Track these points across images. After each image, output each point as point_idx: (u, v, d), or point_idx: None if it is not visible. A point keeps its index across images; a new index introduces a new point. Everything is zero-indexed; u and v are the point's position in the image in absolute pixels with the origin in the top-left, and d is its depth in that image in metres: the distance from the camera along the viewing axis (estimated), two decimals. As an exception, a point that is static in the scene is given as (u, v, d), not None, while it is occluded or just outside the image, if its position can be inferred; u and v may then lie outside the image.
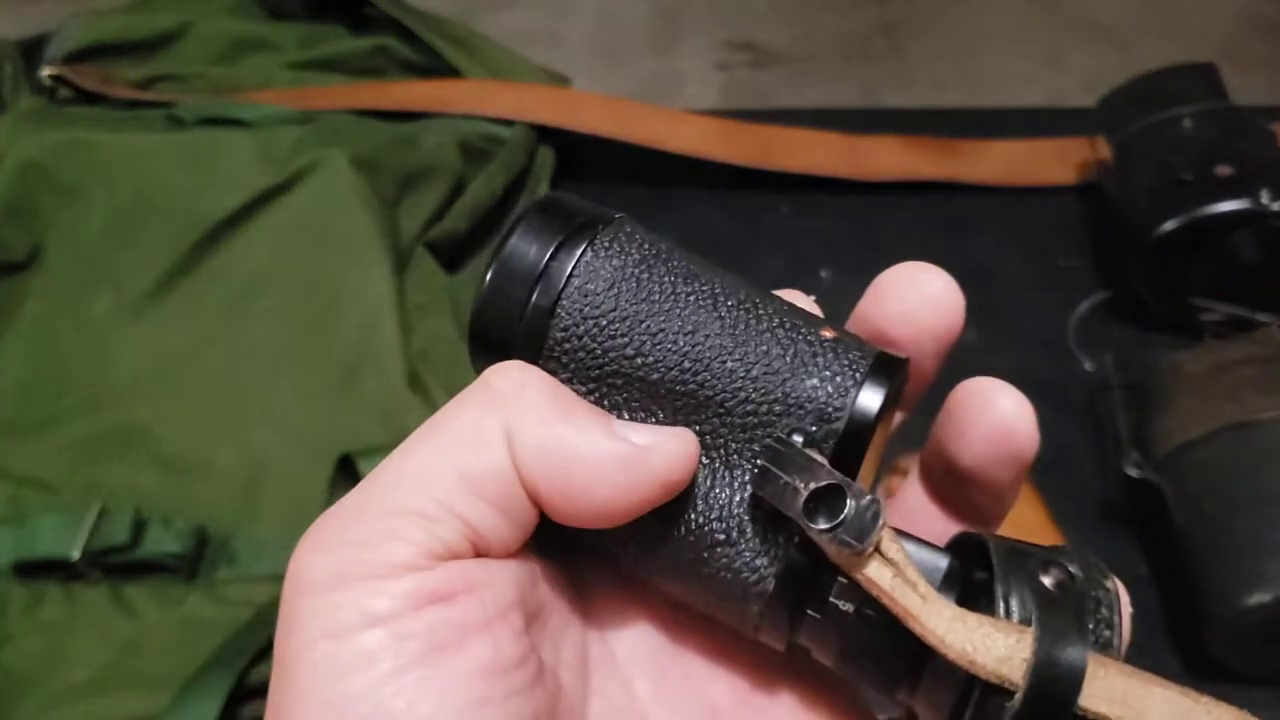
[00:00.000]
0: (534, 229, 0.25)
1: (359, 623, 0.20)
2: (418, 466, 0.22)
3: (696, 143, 0.81)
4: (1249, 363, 0.58)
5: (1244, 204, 0.65)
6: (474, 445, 0.22)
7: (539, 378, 0.23)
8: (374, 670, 0.20)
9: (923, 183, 0.82)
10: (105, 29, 0.83)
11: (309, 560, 0.21)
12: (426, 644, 0.20)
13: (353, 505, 0.22)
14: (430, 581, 0.21)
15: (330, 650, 0.20)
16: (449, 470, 0.22)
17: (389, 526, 0.21)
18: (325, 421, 0.63)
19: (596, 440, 0.22)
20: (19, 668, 0.56)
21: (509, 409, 0.22)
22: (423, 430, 0.23)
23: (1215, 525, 0.55)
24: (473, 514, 0.22)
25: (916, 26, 1.07)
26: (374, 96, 0.81)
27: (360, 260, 0.68)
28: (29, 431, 0.64)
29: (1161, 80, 0.74)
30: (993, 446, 0.24)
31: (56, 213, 0.71)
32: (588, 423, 0.22)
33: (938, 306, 0.25)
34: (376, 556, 0.21)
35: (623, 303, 0.24)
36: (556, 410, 0.22)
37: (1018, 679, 0.21)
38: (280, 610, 0.21)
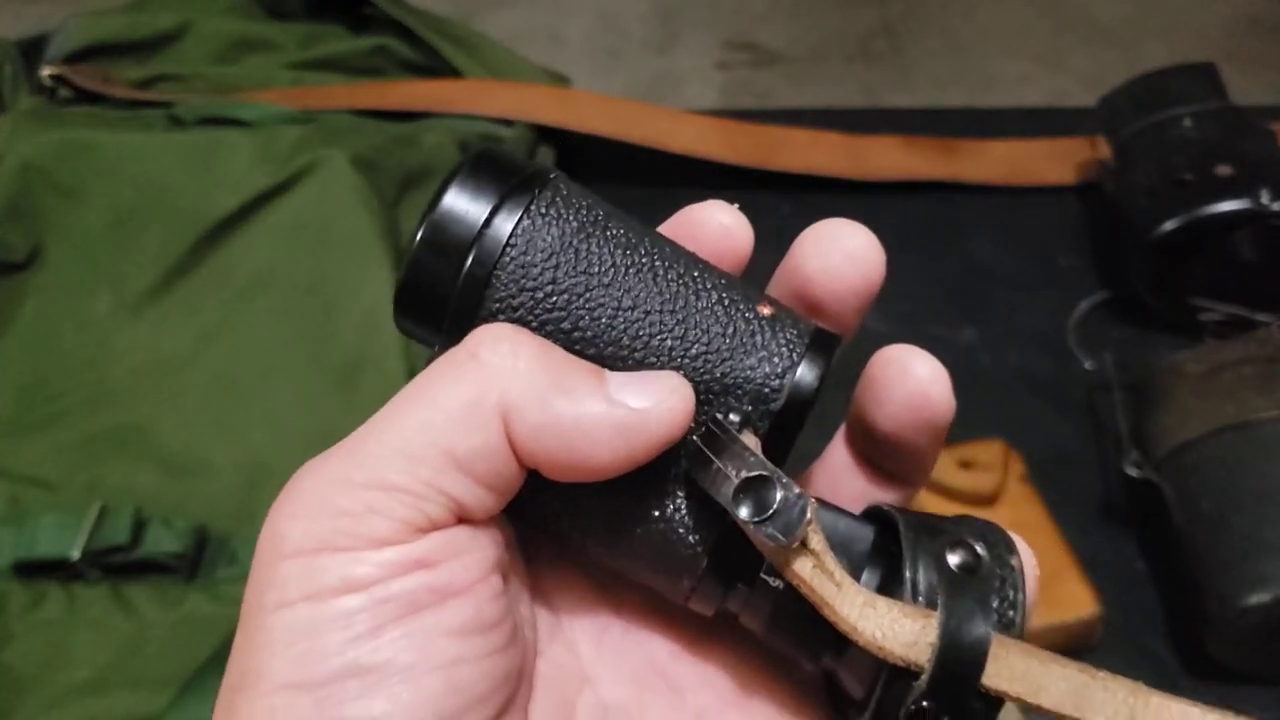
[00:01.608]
0: (469, 187, 0.24)
1: (339, 586, 0.20)
2: (405, 442, 0.22)
3: (696, 143, 0.81)
4: (1248, 362, 0.58)
5: (1244, 204, 0.65)
6: (466, 425, 0.22)
7: (529, 345, 0.22)
8: (351, 628, 0.20)
9: (923, 183, 0.82)
10: (105, 29, 0.83)
11: (289, 525, 0.21)
12: (406, 605, 0.21)
13: (336, 472, 0.22)
14: (413, 552, 0.21)
15: (308, 610, 0.20)
16: (439, 450, 0.22)
17: (373, 500, 0.21)
18: (325, 421, 0.63)
19: (596, 410, 0.22)
20: (19, 668, 0.56)
21: (502, 385, 0.22)
22: (411, 398, 0.22)
23: (1215, 525, 0.55)
24: (459, 490, 0.22)
25: (917, 26, 1.07)
26: (374, 96, 0.81)
27: (360, 260, 0.68)
28: (29, 431, 0.64)
29: (1161, 80, 0.74)
30: (909, 412, 0.25)
31: (56, 213, 0.71)
32: (584, 390, 0.22)
33: (858, 262, 0.26)
34: (359, 528, 0.21)
35: (560, 275, 0.23)
36: (552, 383, 0.22)
37: (923, 662, 0.21)
38: (253, 573, 0.21)
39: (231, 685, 0.21)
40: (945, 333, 0.73)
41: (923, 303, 0.76)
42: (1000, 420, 0.65)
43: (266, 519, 0.22)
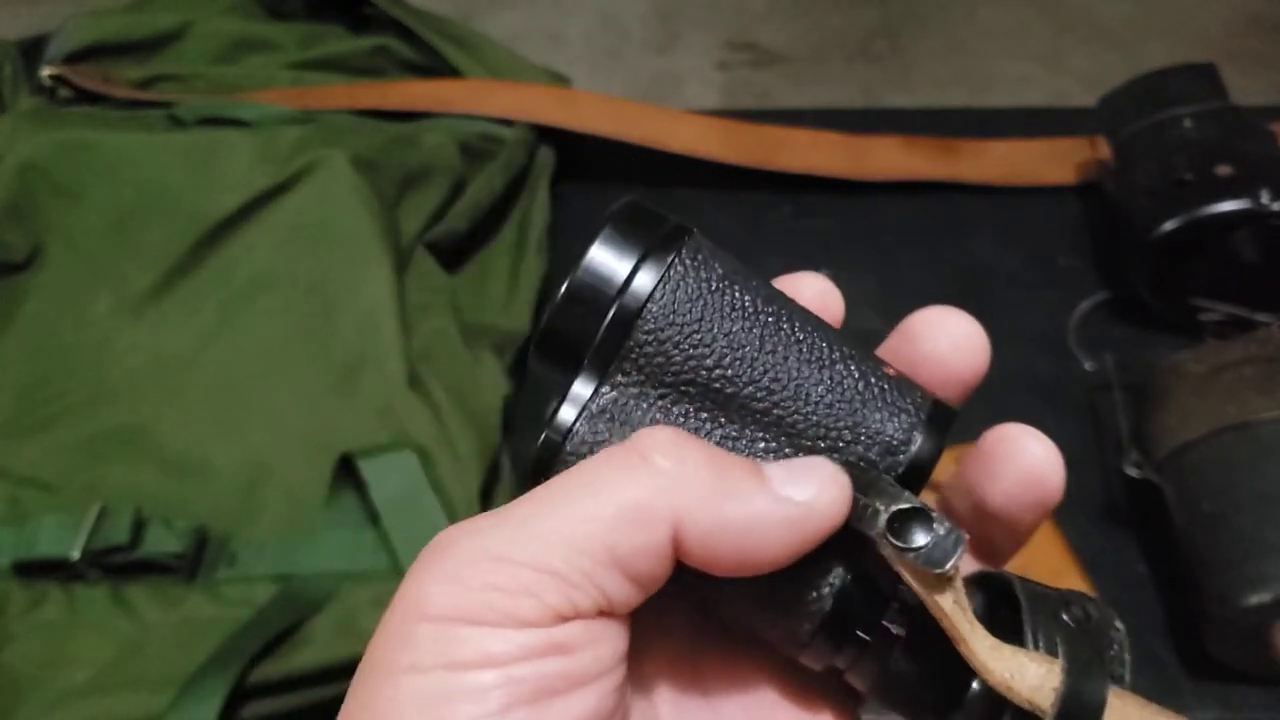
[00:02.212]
0: (620, 233, 0.25)
1: (477, 660, 0.21)
2: (571, 529, 0.22)
3: (697, 143, 0.81)
4: (1249, 362, 0.58)
5: (1244, 204, 0.65)
6: (634, 526, 0.22)
7: (696, 449, 0.23)
8: (484, 704, 0.20)
9: (923, 183, 0.82)
10: (105, 29, 0.83)
11: (437, 589, 0.21)
12: (538, 689, 0.21)
13: (494, 545, 0.22)
14: (554, 636, 0.21)
15: (443, 679, 0.21)
16: (602, 543, 0.22)
17: (528, 581, 0.21)
18: (325, 421, 0.63)
19: (763, 508, 0.22)
20: (19, 668, 0.56)
21: (676, 493, 0.22)
22: (578, 489, 0.22)
23: (1215, 525, 0.55)
24: (612, 587, 0.22)
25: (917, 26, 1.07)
26: (374, 96, 0.81)
27: (360, 260, 0.68)
28: (29, 431, 0.64)
29: (1162, 80, 0.74)
30: (1023, 490, 0.26)
31: (56, 213, 0.71)
32: (750, 489, 0.22)
33: (964, 352, 0.27)
34: (508, 607, 0.21)
35: (709, 313, 0.24)
36: (719, 486, 0.22)
37: (1046, 706, 0.22)
38: (386, 626, 0.21)
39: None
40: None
41: (923, 303, 0.75)
42: (1000, 420, 0.65)
43: (410, 574, 0.22)
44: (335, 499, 0.60)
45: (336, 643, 0.56)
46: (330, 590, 0.57)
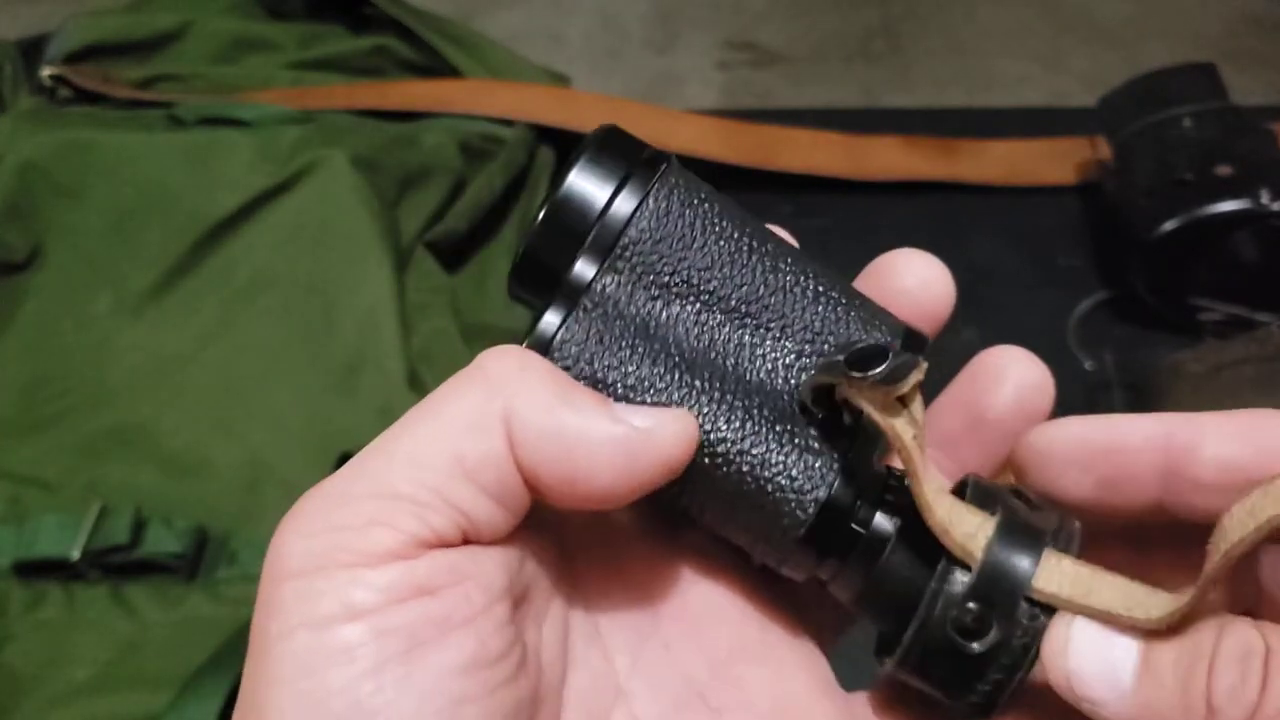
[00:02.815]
0: (601, 157, 0.26)
1: (340, 614, 0.20)
2: (411, 449, 0.21)
3: (696, 142, 0.81)
4: (1249, 362, 0.58)
5: (1244, 204, 0.65)
6: (471, 430, 0.21)
7: (538, 362, 0.23)
8: (354, 666, 0.19)
9: (923, 183, 0.82)
10: (105, 29, 0.83)
11: (290, 542, 0.21)
12: (408, 640, 0.20)
13: (339, 486, 0.21)
14: (416, 573, 0.20)
15: (309, 640, 0.20)
16: (445, 455, 0.21)
17: (377, 510, 0.20)
18: (325, 421, 0.63)
19: (599, 424, 0.22)
20: (19, 668, 0.56)
21: (508, 393, 0.22)
22: (416, 412, 0.22)
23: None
24: (466, 501, 0.21)
25: (916, 26, 1.07)
26: (374, 96, 0.81)
27: (360, 260, 0.68)
28: (29, 431, 0.64)
29: (1161, 80, 0.74)
30: (1019, 398, 0.28)
31: (56, 213, 0.70)
32: (588, 407, 0.22)
33: (931, 288, 0.28)
34: (361, 543, 0.20)
35: (695, 229, 0.25)
36: (557, 395, 0.22)
37: (977, 554, 0.23)
38: (259, 592, 0.21)
39: (243, 717, 0.20)
40: (945, 333, 0.73)
41: (923, 303, 0.75)
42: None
43: (272, 538, 0.21)
44: (335, 499, 0.60)
45: (336, 642, 0.56)
46: (330, 590, 0.57)
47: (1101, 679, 0.21)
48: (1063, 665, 0.22)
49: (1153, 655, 0.21)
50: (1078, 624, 0.22)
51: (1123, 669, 0.21)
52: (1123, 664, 0.21)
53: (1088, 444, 0.25)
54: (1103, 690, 0.21)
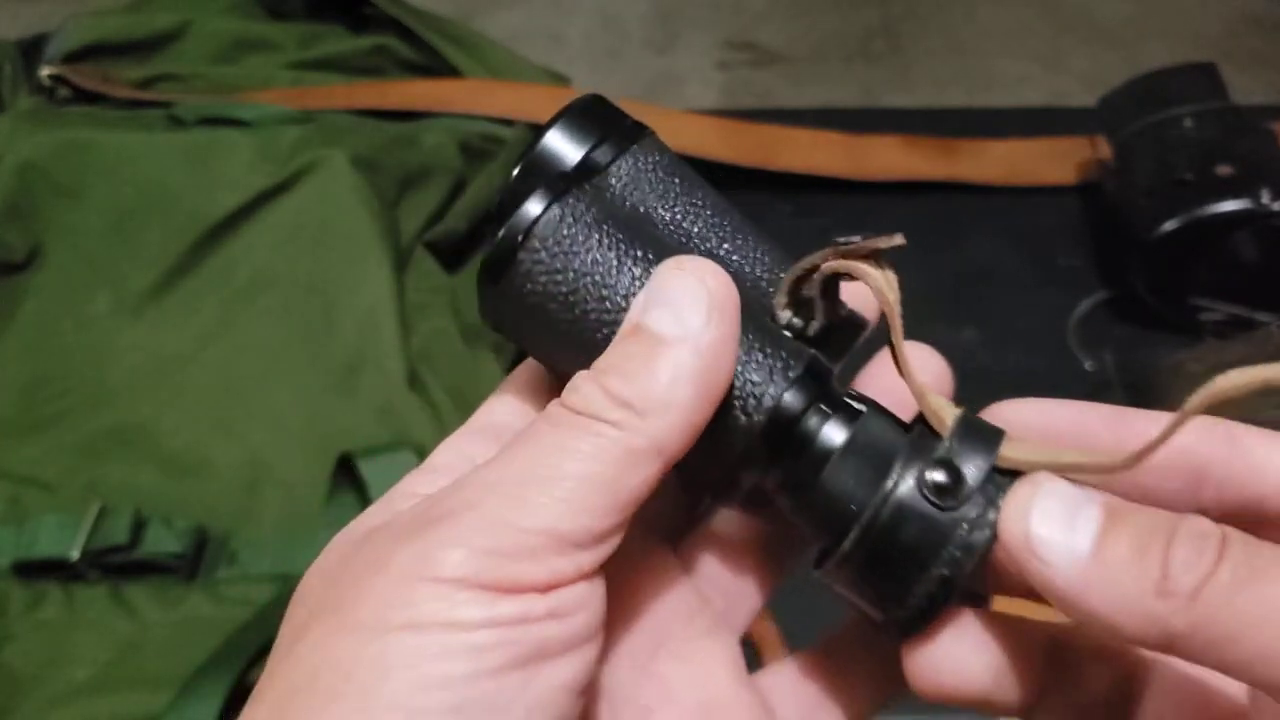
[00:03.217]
0: (579, 121, 0.26)
1: (480, 621, 0.21)
2: (574, 491, 0.22)
3: (696, 142, 0.81)
4: (1249, 362, 0.58)
5: (1244, 204, 0.65)
6: (630, 467, 0.22)
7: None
8: (480, 663, 0.21)
9: (923, 183, 0.82)
10: (104, 29, 0.83)
11: (441, 552, 0.21)
12: (535, 651, 0.21)
13: (509, 515, 0.22)
14: (553, 601, 0.22)
15: (442, 637, 0.21)
16: (607, 499, 0.22)
17: (539, 546, 0.21)
18: (325, 421, 0.63)
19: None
20: (19, 668, 0.56)
21: (648, 426, 0.23)
22: (566, 441, 0.23)
23: (1215, 525, 0.55)
24: (615, 538, 0.22)
25: (916, 26, 1.07)
26: (374, 96, 0.81)
27: (360, 260, 0.68)
28: (29, 431, 0.64)
29: (1162, 80, 0.74)
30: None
31: (56, 213, 0.70)
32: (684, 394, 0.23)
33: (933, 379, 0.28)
34: (516, 572, 0.21)
35: (671, 189, 0.26)
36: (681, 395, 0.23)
37: (949, 422, 0.24)
38: (372, 586, 0.21)
39: (328, 692, 0.21)
40: (945, 333, 0.73)
41: (923, 303, 0.75)
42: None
43: (405, 538, 0.22)
44: (335, 499, 0.60)
45: (336, 643, 0.56)
46: (330, 590, 0.57)
47: (1061, 541, 0.22)
48: (1023, 526, 0.22)
49: (1113, 524, 0.22)
50: (1046, 484, 0.23)
51: (1083, 532, 0.22)
52: (1084, 528, 0.22)
53: (1048, 415, 0.26)
54: (1059, 553, 0.22)
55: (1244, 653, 0.20)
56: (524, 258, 0.24)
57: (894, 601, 0.24)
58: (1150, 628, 0.21)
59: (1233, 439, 0.26)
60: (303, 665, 0.22)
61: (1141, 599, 0.21)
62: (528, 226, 0.24)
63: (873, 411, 0.25)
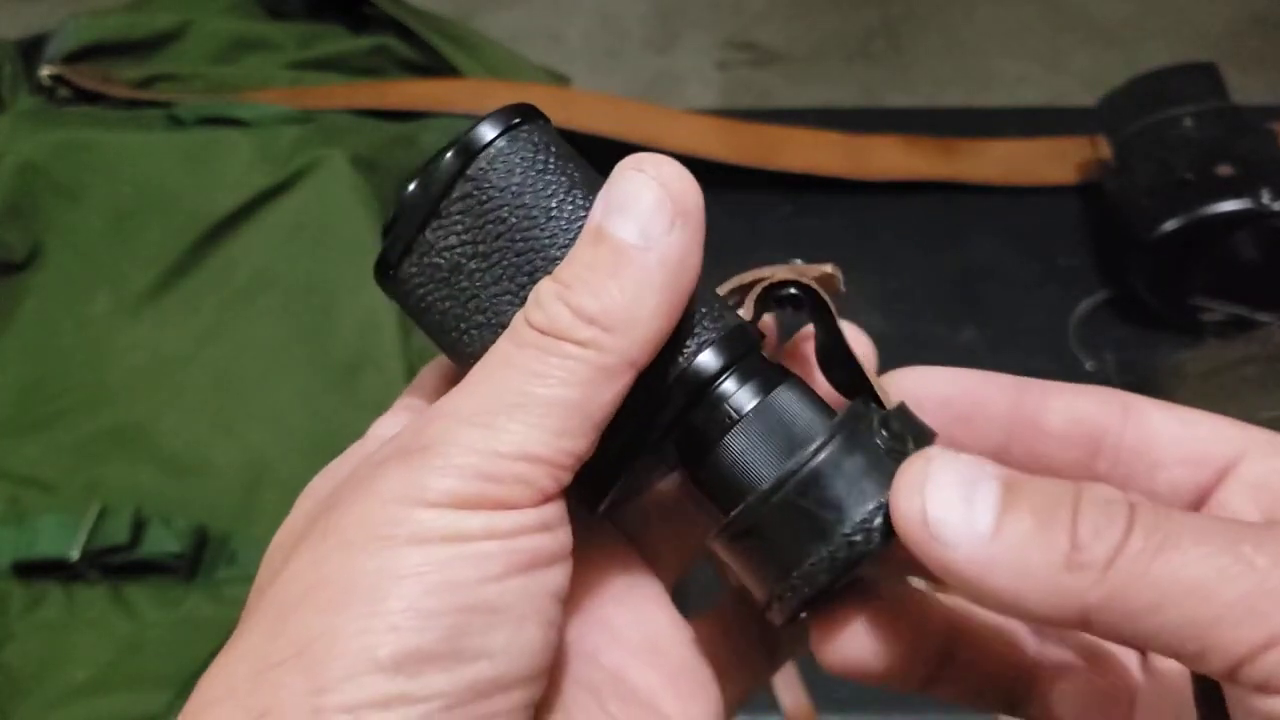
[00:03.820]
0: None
1: (480, 534, 0.22)
2: (548, 414, 0.22)
3: (696, 142, 0.81)
4: (1250, 362, 0.58)
5: (1245, 204, 0.65)
6: (598, 385, 0.23)
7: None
8: (485, 569, 0.22)
9: (923, 182, 0.82)
10: (104, 28, 0.83)
11: (434, 478, 0.22)
12: (531, 559, 0.22)
13: (488, 442, 0.22)
14: (544, 515, 0.23)
15: (447, 549, 0.21)
16: (582, 419, 0.22)
17: (523, 472, 0.22)
18: (325, 421, 0.63)
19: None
20: (19, 668, 0.56)
21: (621, 339, 0.23)
22: (537, 371, 0.23)
23: (1216, 525, 0.55)
24: (587, 451, 0.23)
25: (917, 26, 1.07)
26: (373, 96, 0.81)
27: (360, 260, 0.68)
28: (29, 431, 0.64)
29: (1162, 80, 0.74)
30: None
31: (56, 213, 0.70)
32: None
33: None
34: (506, 494, 0.22)
35: (557, 161, 0.25)
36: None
37: (893, 396, 0.25)
38: (370, 511, 0.22)
39: (332, 602, 0.21)
40: (945, 333, 0.73)
41: (923, 303, 0.76)
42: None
43: (389, 465, 0.22)
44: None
45: (336, 643, 0.56)
46: (330, 590, 0.57)
47: (959, 519, 0.21)
48: (918, 505, 0.21)
49: (1013, 497, 0.21)
50: (938, 458, 0.22)
51: (982, 508, 0.21)
52: (983, 502, 0.21)
53: (953, 381, 0.26)
54: (959, 531, 0.21)
55: (1162, 623, 0.19)
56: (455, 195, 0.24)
57: (776, 581, 0.23)
58: (1062, 603, 0.20)
59: (1127, 408, 0.25)
60: (297, 582, 0.22)
61: (1051, 574, 0.20)
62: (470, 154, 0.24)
63: (791, 384, 0.25)
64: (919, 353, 0.76)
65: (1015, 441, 0.25)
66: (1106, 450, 0.25)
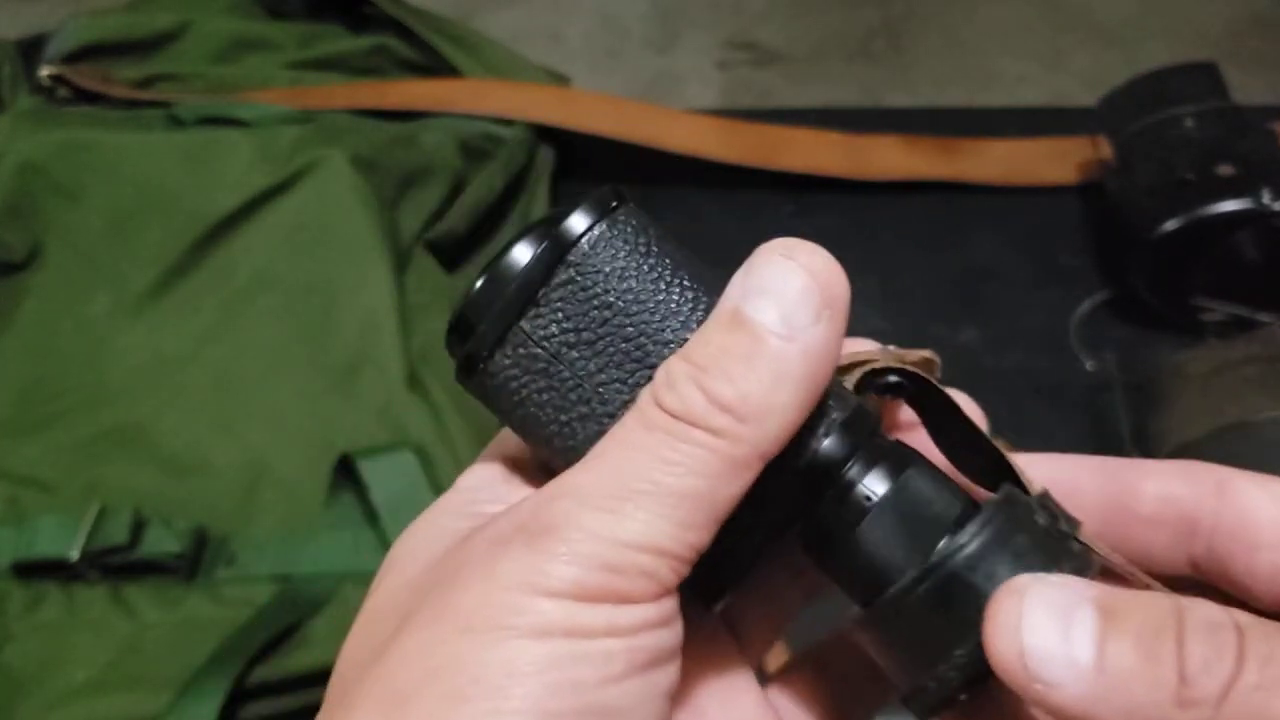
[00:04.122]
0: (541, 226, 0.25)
1: (604, 630, 0.21)
2: (674, 505, 0.22)
3: (697, 142, 0.81)
4: (1251, 362, 0.58)
5: (1245, 204, 0.65)
6: (724, 479, 0.22)
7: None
8: (607, 669, 0.21)
9: (923, 182, 0.82)
10: (104, 28, 0.83)
11: (557, 567, 0.21)
12: (651, 658, 0.22)
13: (613, 530, 0.21)
14: (663, 609, 0.22)
15: (570, 645, 0.21)
16: (705, 513, 0.22)
17: (647, 564, 0.21)
18: (325, 421, 0.63)
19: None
20: (19, 668, 0.56)
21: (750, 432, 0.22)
22: (663, 452, 0.22)
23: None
24: (706, 544, 0.22)
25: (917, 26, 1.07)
26: (373, 96, 0.81)
27: (360, 260, 0.68)
28: (28, 431, 0.64)
29: (1162, 79, 0.74)
30: None
31: (56, 213, 0.70)
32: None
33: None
34: (629, 588, 0.21)
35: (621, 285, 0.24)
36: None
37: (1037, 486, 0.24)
38: (489, 598, 0.21)
39: (454, 693, 0.21)
40: (945, 333, 0.73)
41: (923, 302, 0.76)
42: (1001, 421, 0.65)
43: (511, 546, 0.22)
44: (335, 499, 0.60)
45: (336, 643, 0.55)
46: (329, 591, 0.57)
47: (1059, 654, 0.20)
48: (1015, 641, 0.20)
49: (1112, 625, 0.20)
50: (1031, 588, 0.21)
51: (1081, 638, 0.20)
52: (1081, 632, 0.20)
53: (1047, 467, 0.26)
54: (1059, 668, 0.20)
55: None
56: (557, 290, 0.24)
57: (922, 671, 0.22)
58: None
59: (1222, 488, 0.24)
60: (413, 665, 0.21)
61: (1159, 710, 0.19)
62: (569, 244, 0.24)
63: (919, 464, 0.24)
64: (919, 353, 0.76)
65: (1110, 527, 0.24)
66: (1203, 531, 0.24)
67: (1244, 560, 0.23)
